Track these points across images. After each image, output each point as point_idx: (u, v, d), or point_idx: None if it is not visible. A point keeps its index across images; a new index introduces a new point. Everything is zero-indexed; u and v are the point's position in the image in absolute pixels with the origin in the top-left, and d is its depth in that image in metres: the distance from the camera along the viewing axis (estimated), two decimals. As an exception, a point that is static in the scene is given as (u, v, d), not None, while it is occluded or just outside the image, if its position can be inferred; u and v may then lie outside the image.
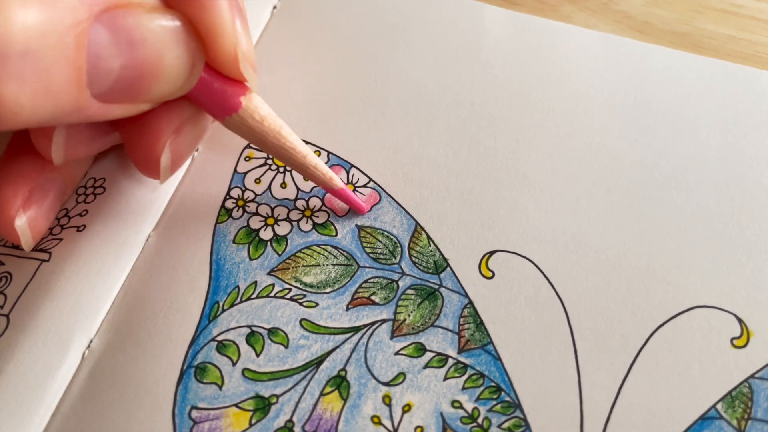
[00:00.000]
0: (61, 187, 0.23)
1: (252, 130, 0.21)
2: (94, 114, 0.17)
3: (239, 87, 0.20)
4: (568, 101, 0.26)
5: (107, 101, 0.17)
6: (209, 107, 0.20)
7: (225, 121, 0.21)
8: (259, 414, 0.20)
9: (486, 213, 0.23)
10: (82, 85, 0.16)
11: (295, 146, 0.22)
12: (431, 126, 0.25)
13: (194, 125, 0.21)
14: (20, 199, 0.21)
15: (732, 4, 0.29)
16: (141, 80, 0.18)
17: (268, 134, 0.21)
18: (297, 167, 0.22)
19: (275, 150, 0.21)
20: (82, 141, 0.21)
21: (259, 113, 0.21)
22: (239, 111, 0.20)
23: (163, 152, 0.21)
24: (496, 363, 0.20)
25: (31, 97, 0.15)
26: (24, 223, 0.22)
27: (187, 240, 0.23)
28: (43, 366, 0.20)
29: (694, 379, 0.20)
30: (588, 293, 0.21)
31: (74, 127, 0.21)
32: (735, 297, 0.21)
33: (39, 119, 0.16)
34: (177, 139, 0.21)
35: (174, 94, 0.19)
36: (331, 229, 0.23)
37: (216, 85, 0.20)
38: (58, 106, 0.16)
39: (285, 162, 0.22)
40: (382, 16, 0.29)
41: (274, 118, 0.21)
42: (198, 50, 0.19)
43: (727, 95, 0.25)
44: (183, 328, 0.21)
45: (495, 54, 0.27)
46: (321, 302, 0.22)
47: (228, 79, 0.20)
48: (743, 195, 0.23)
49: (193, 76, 0.19)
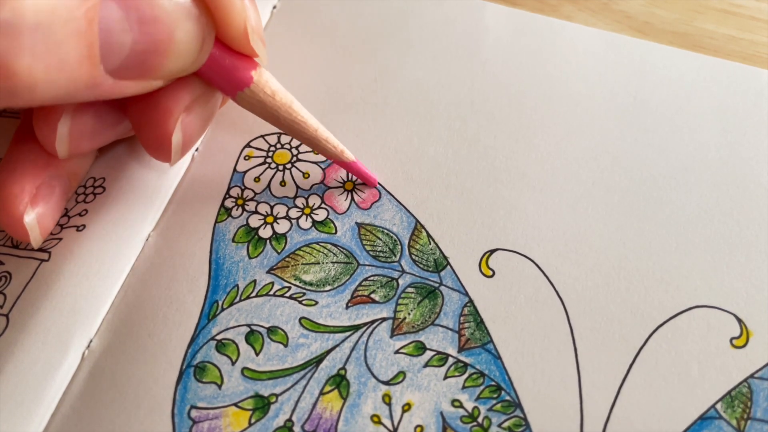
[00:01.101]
0: (66, 184, 0.23)
1: (264, 104, 0.21)
2: (108, 91, 0.18)
3: (249, 62, 0.20)
4: (569, 100, 0.26)
5: (120, 77, 0.18)
6: (221, 83, 0.21)
7: (237, 96, 0.21)
8: (259, 413, 0.20)
9: (486, 212, 0.23)
10: (95, 61, 0.16)
11: (306, 120, 0.22)
12: (431, 124, 0.25)
13: (204, 104, 0.21)
14: (27, 196, 0.21)
15: (732, 4, 0.29)
16: (153, 55, 0.18)
17: (280, 108, 0.21)
18: (309, 141, 0.22)
19: (287, 124, 0.22)
20: (86, 133, 0.21)
21: (270, 87, 0.21)
22: (251, 86, 0.20)
23: (174, 130, 0.21)
24: (496, 362, 0.20)
25: (45, 71, 0.15)
26: (33, 220, 0.22)
27: (187, 239, 0.23)
28: (43, 366, 0.20)
29: (694, 379, 0.20)
30: (588, 293, 0.21)
31: (78, 118, 0.21)
32: (734, 297, 0.21)
33: (54, 95, 0.16)
34: (188, 117, 0.21)
35: (186, 70, 0.19)
36: (331, 227, 0.23)
37: (227, 61, 0.20)
38: (71, 81, 0.16)
39: (297, 136, 0.22)
40: (381, 15, 0.29)
41: (285, 92, 0.21)
42: (208, 25, 0.19)
43: (727, 94, 0.25)
44: (182, 328, 0.21)
45: (495, 52, 0.27)
46: (320, 300, 0.22)
47: (238, 55, 0.20)
48: (743, 195, 0.23)
49: (204, 52, 0.19)
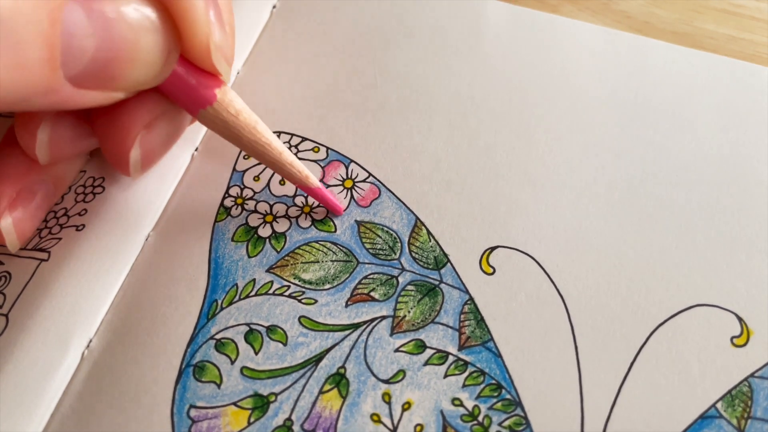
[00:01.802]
0: (49, 189, 0.23)
1: (226, 124, 0.21)
2: (66, 99, 0.17)
3: (214, 80, 0.20)
4: (569, 97, 0.26)
5: (80, 85, 0.17)
6: (183, 100, 0.20)
7: (199, 115, 0.20)
8: (258, 412, 0.20)
9: (486, 208, 0.23)
10: (56, 65, 0.16)
11: (270, 142, 0.21)
12: (431, 120, 0.25)
13: (168, 122, 0.21)
14: (6, 201, 0.21)
15: (732, 4, 0.29)
16: (115, 64, 0.17)
17: (243, 129, 0.21)
18: (272, 164, 0.22)
19: (250, 146, 0.21)
20: (66, 139, 0.21)
21: (234, 107, 0.20)
22: (214, 104, 0.20)
23: (132, 147, 0.20)
24: (496, 360, 0.20)
25: (2, 70, 0.15)
26: (9, 225, 0.22)
27: (186, 239, 0.23)
28: (43, 366, 0.20)
29: (694, 378, 0.20)
30: (589, 291, 0.21)
31: (58, 124, 0.21)
32: (735, 296, 0.21)
33: (10, 98, 0.16)
34: (148, 135, 0.21)
35: (148, 82, 0.19)
36: (330, 225, 0.23)
37: (190, 77, 0.20)
38: (30, 84, 0.16)
39: (260, 159, 0.22)
40: (382, 12, 0.29)
41: (249, 112, 0.21)
42: (173, 39, 0.19)
43: (728, 92, 0.25)
44: (182, 327, 0.21)
45: (496, 48, 0.27)
46: (320, 299, 0.22)
47: (203, 72, 0.20)
48: (744, 192, 0.23)
49: (168, 65, 0.19)
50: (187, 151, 0.25)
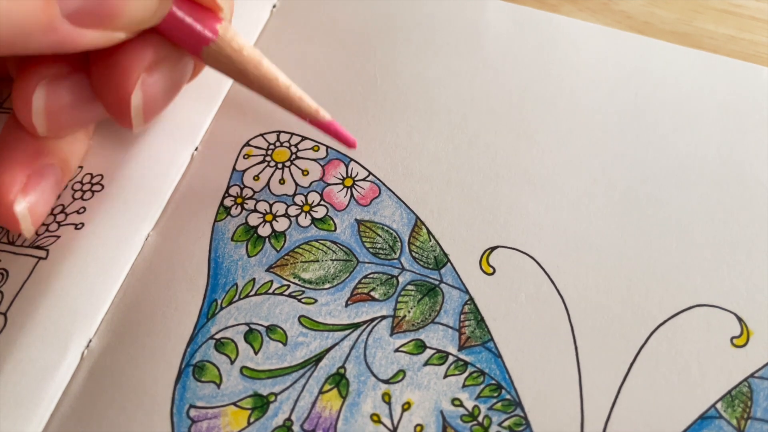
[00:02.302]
0: (57, 173, 0.22)
1: (231, 60, 0.20)
2: (66, 38, 0.17)
3: (213, 17, 0.20)
4: (570, 96, 0.26)
5: (78, 23, 0.17)
6: (184, 40, 0.20)
7: (203, 53, 0.20)
8: (258, 412, 0.20)
9: (487, 208, 0.23)
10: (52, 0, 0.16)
11: (277, 76, 0.21)
12: (431, 120, 0.25)
13: (170, 67, 0.21)
14: (18, 185, 0.21)
15: (732, 4, 0.29)
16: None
17: (248, 63, 0.20)
18: (281, 100, 0.21)
19: (257, 82, 0.21)
20: (64, 107, 0.21)
21: (237, 42, 0.20)
22: (216, 40, 0.20)
23: (133, 91, 0.20)
24: (496, 360, 0.20)
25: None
26: (24, 209, 0.21)
27: (186, 238, 0.23)
28: (42, 365, 0.20)
29: (694, 378, 0.20)
30: (589, 291, 0.21)
31: (53, 91, 0.20)
32: (735, 296, 0.21)
33: (8, 33, 0.16)
34: (150, 78, 0.20)
35: (147, 20, 0.19)
36: (330, 224, 0.23)
37: (190, 14, 0.19)
38: (27, 19, 0.16)
39: (268, 96, 0.21)
40: (382, 11, 0.29)
41: (253, 48, 0.21)
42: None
43: (728, 92, 0.25)
44: (181, 327, 0.21)
45: (496, 48, 0.27)
46: (320, 299, 0.22)
47: (202, 8, 0.20)
48: (743, 193, 0.23)
49: (166, 0, 0.19)
50: (187, 150, 0.25)
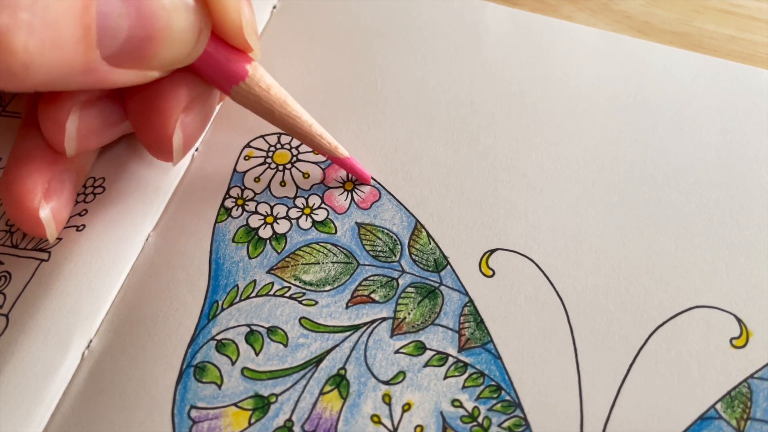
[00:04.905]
0: (74, 179, 0.23)
1: (259, 99, 0.21)
2: (103, 78, 0.18)
3: (244, 57, 0.21)
4: (569, 100, 0.26)
5: (116, 64, 0.18)
6: (216, 78, 0.21)
7: (233, 91, 0.21)
8: (259, 413, 0.20)
9: (486, 212, 0.23)
10: (91, 44, 0.16)
11: (300, 115, 0.22)
12: (431, 124, 0.25)
13: (203, 103, 0.22)
14: (40, 191, 0.21)
15: (732, 4, 0.29)
16: (149, 43, 0.18)
17: (274, 103, 0.21)
18: (303, 137, 0.22)
19: (282, 119, 0.22)
20: (93, 130, 0.21)
21: (265, 81, 0.21)
22: (246, 80, 0.21)
23: (174, 131, 0.21)
24: (496, 362, 0.20)
25: (40, 48, 0.15)
26: (48, 214, 0.22)
27: (187, 240, 0.23)
28: (43, 366, 0.20)
29: (694, 379, 0.20)
30: (588, 293, 0.21)
31: (85, 116, 0.21)
32: (734, 297, 0.21)
33: (49, 76, 0.16)
34: (187, 117, 0.21)
35: (182, 61, 0.19)
36: (331, 227, 0.23)
37: (222, 54, 0.20)
38: (66, 62, 0.16)
39: (291, 132, 0.22)
40: (381, 15, 0.29)
41: (279, 87, 0.22)
42: (205, 17, 0.19)
43: (727, 94, 0.25)
44: (182, 328, 0.21)
45: (495, 52, 0.27)
46: (320, 300, 0.22)
47: (233, 49, 0.20)
48: (743, 194, 0.23)
49: (201, 43, 0.19)
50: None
